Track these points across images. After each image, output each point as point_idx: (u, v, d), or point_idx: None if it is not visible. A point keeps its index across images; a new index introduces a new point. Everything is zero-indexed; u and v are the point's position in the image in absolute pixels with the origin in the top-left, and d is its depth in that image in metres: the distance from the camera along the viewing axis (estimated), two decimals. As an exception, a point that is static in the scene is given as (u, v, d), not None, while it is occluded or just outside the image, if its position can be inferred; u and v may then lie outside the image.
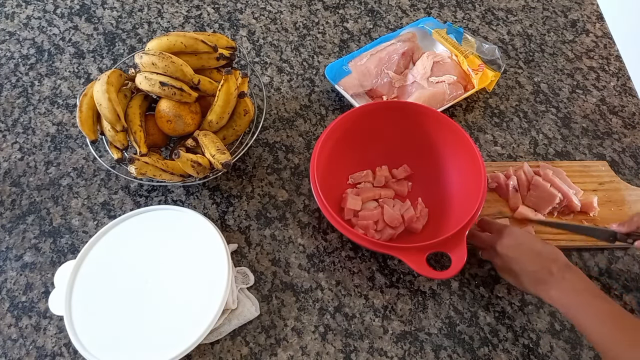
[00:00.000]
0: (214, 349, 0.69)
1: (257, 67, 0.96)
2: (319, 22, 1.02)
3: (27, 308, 0.72)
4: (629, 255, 0.76)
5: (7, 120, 0.88)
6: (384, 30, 1.02)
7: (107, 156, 0.82)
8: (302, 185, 0.82)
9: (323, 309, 0.72)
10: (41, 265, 0.75)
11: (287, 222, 0.79)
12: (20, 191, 0.81)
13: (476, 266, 0.76)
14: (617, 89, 0.95)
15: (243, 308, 0.70)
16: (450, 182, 0.79)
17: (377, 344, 0.70)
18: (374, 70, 0.89)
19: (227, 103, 0.75)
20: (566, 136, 0.89)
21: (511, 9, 1.06)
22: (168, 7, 1.04)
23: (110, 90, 0.73)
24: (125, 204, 0.80)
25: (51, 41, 0.98)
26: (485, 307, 0.73)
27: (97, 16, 1.02)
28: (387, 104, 0.83)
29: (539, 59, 0.99)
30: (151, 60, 0.73)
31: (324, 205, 0.69)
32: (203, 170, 0.73)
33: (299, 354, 0.69)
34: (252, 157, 0.85)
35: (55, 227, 0.78)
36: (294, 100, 0.92)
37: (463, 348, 0.70)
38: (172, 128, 0.75)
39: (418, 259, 0.65)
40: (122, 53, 0.97)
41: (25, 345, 0.69)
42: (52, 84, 0.93)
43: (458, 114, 0.91)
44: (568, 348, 0.70)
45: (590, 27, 1.04)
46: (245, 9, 1.04)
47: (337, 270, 0.75)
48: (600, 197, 0.79)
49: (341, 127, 0.76)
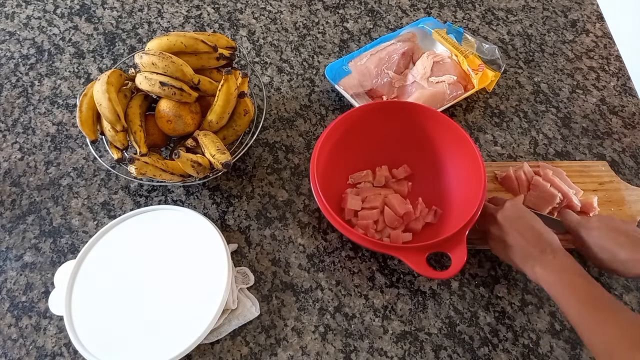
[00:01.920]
0: (214, 349, 0.69)
1: (257, 67, 0.96)
2: (319, 22, 1.02)
3: (27, 308, 0.72)
4: (629, 255, 0.76)
5: (7, 120, 0.88)
6: (384, 30, 1.02)
7: (107, 156, 0.82)
8: (302, 185, 0.82)
9: (323, 309, 0.72)
10: (41, 265, 0.75)
11: (287, 222, 0.79)
12: (20, 191, 0.81)
13: (476, 266, 0.76)
14: (617, 89, 0.95)
15: (243, 308, 0.70)
16: (450, 182, 0.79)
17: (377, 344, 0.70)
18: (374, 70, 0.89)
19: (227, 103, 0.75)
20: (566, 136, 0.89)
21: (511, 9, 1.06)
22: (168, 7, 1.04)
23: (110, 90, 0.73)
24: (125, 204, 0.80)
25: (51, 41, 0.98)
26: (485, 307, 0.73)
27: (97, 16, 1.02)
28: (387, 104, 0.83)
29: (539, 59, 0.99)
30: (151, 60, 0.73)
31: (323, 205, 0.69)
32: (203, 170, 0.73)
33: (299, 354, 0.69)
34: (252, 157, 0.85)
35: (55, 227, 0.78)
36: (294, 100, 0.92)
37: (463, 348, 0.70)
38: (172, 128, 0.75)
39: (418, 259, 0.65)
40: (122, 53, 0.97)
41: (25, 345, 0.69)
42: (52, 84, 0.93)
43: (458, 114, 0.91)
44: (568, 348, 0.70)
45: (590, 27, 1.04)
46: (245, 9, 1.04)
47: (337, 270, 0.75)
48: (600, 197, 0.79)
49: (341, 127, 0.76)
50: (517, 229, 0.66)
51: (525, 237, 0.65)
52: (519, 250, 0.65)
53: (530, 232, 0.65)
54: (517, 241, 0.65)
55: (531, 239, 0.64)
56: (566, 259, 0.62)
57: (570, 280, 0.60)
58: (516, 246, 0.65)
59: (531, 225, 0.66)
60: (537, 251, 0.63)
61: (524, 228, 0.66)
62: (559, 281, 0.60)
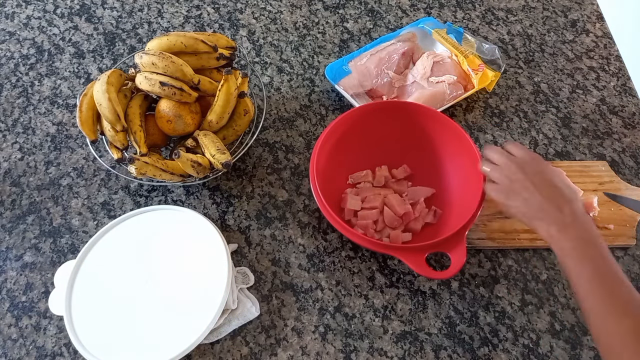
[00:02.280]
0: (214, 349, 0.69)
1: (257, 67, 0.96)
2: (319, 22, 1.02)
3: (27, 308, 0.72)
4: (629, 255, 0.76)
5: (7, 120, 0.88)
6: (384, 30, 1.02)
7: (107, 156, 0.82)
8: (302, 185, 0.82)
9: (323, 309, 0.72)
10: (41, 265, 0.75)
11: (287, 222, 0.79)
12: (20, 191, 0.81)
13: (476, 266, 0.76)
14: (617, 89, 0.95)
15: (243, 308, 0.70)
16: (450, 182, 0.79)
17: (377, 344, 0.70)
18: (374, 70, 0.89)
19: (227, 103, 0.75)
20: (566, 136, 0.89)
21: (511, 9, 1.06)
22: (168, 7, 1.04)
23: (110, 90, 0.73)
24: (125, 204, 0.80)
25: (51, 41, 0.98)
26: (485, 307, 0.73)
27: (97, 16, 1.02)
28: (387, 104, 0.83)
29: (539, 59, 0.99)
30: (151, 60, 0.73)
31: (323, 205, 0.69)
32: (203, 170, 0.73)
33: (299, 354, 0.69)
34: (252, 157, 0.85)
35: (55, 227, 0.78)
36: (294, 100, 0.92)
37: (463, 348, 0.70)
38: (172, 128, 0.75)
39: (418, 259, 0.65)
40: (122, 53, 0.97)
41: (25, 345, 0.69)
42: (52, 84, 0.93)
43: (458, 114, 0.91)
44: (568, 348, 0.70)
45: (590, 27, 1.04)
46: (245, 9, 1.04)
47: (337, 270, 0.75)
48: (600, 197, 0.79)
49: (341, 127, 0.76)
50: (536, 183, 0.59)
51: (543, 192, 0.58)
52: (534, 206, 0.58)
53: (550, 187, 0.59)
54: (533, 195, 0.59)
55: (551, 195, 0.58)
56: (586, 225, 0.56)
57: (588, 254, 0.54)
58: (531, 201, 0.59)
59: (552, 180, 0.60)
60: (554, 209, 0.57)
61: (545, 182, 0.59)
62: (575, 252, 0.54)
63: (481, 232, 0.76)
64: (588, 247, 0.55)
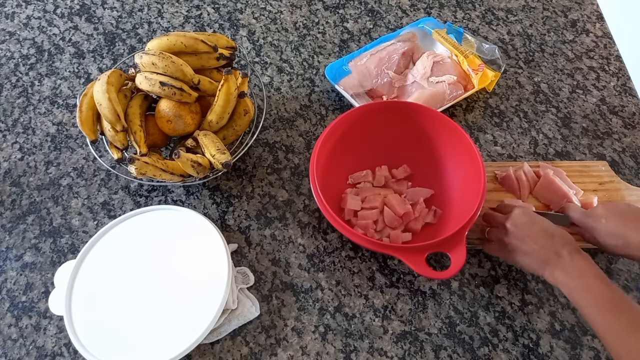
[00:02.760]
0: (214, 349, 0.69)
1: (257, 67, 0.96)
2: (319, 22, 1.02)
3: (27, 308, 0.72)
4: (629, 255, 0.76)
5: (7, 120, 0.88)
6: (384, 30, 1.02)
7: (107, 156, 0.82)
8: (302, 185, 0.82)
9: (323, 309, 0.72)
10: (41, 265, 0.75)
11: (287, 222, 0.79)
12: (20, 191, 0.81)
13: (476, 266, 0.76)
14: (617, 89, 0.95)
15: (243, 308, 0.70)
16: (450, 182, 0.79)
17: (377, 344, 0.70)
18: (374, 70, 0.89)
19: (227, 103, 0.75)
20: (566, 136, 0.89)
21: (511, 9, 1.06)
22: (168, 7, 1.04)
23: (110, 90, 0.73)
24: (125, 204, 0.80)
25: (51, 41, 0.98)
26: (485, 307, 0.73)
27: (97, 16, 1.02)
28: (387, 104, 0.83)
29: (539, 59, 0.99)
30: (151, 60, 0.73)
31: (323, 205, 0.69)
32: (203, 170, 0.73)
33: (299, 354, 0.69)
34: (252, 157, 0.85)
35: (55, 227, 0.78)
36: (294, 100, 0.92)
37: (463, 348, 0.70)
38: (172, 128, 0.76)
39: (418, 259, 0.65)
40: (122, 53, 0.97)
41: (25, 345, 0.69)
42: (52, 84, 0.93)
43: (458, 114, 0.91)
44: (568, 348, 0.70)
45: (590, 27, 1.04)
46: (245, 9, 1.04)
47: (337, 270, 0.75)
48: (600, 197, 0.79)
49: (341, 127, 0.76)
50: (531, 235, 0.65)
51: (540, 242, 0.64)
52: (536, 256, 0.64)
53: (545, 236, 0.64)
54: (532, 247, 0.64)
55: (547, 243, 0.63)
56: (584, 261, 0.61)
57: (591, 285, 0.59)
58: (532, 253, 0.64)
59: (544, 228, 0.65)
60: (553, 255, 0.62)
61: (538, 233, 0.65)
62: (580, 286, 0.60)
63: (481, 232, 0.76)
64: (589, 278, 0.60)
